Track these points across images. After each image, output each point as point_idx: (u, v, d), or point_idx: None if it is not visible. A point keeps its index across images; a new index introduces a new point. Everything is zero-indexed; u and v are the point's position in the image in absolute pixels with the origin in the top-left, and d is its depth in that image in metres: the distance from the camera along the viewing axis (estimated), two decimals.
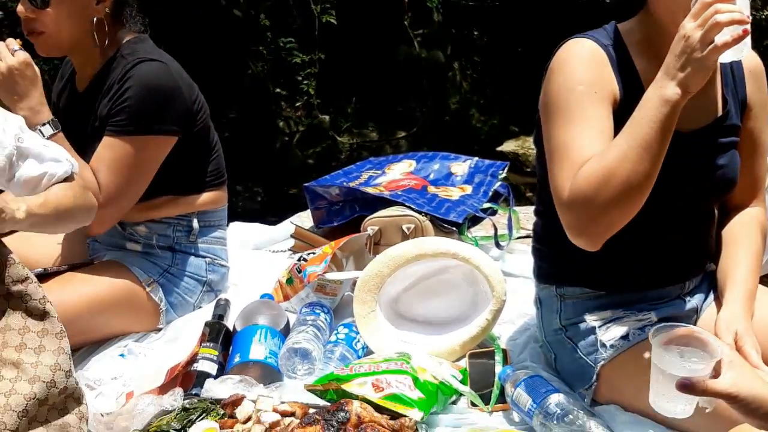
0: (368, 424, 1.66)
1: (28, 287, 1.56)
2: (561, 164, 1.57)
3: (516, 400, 1.79)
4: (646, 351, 1.56)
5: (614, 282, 1.79)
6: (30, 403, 1.47)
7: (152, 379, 1.89)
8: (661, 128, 1.43)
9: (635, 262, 1.76)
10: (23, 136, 1.77)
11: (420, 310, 2.21)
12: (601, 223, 1.52)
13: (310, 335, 2.09)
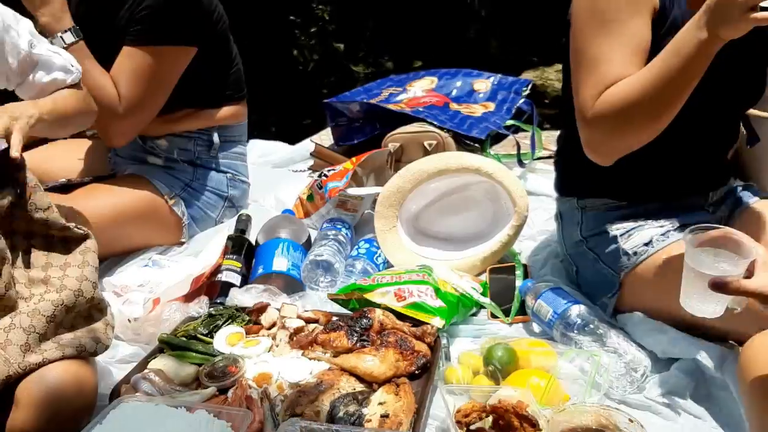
0: (391, 330, 1.68)
1: (50, 216, 1.57)
2: (588, 78, 1.56)
3: (536, 312, 1.81)
4: (670, 256, 1.57)
5: (637, 192, 1.78)
6: (58, 308, 1.49)
7: (178, 287, 1.91)
8: (692, 68, 1.42)
9: (658, 172, 1.75)
10: (35, 42, 1.76)
11: (441, 227, 2.22)
12: (617, 147, 1.58)
13: (332, 249, 2.11)
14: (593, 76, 1.54)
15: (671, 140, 1.61)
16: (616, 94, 1.50)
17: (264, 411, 1.48)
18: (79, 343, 1.47)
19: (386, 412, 1.44)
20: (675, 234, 1.68)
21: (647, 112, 1.49)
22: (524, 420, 1.36)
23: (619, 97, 1.50)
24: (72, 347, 1.46)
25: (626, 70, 1.51)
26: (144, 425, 1.35)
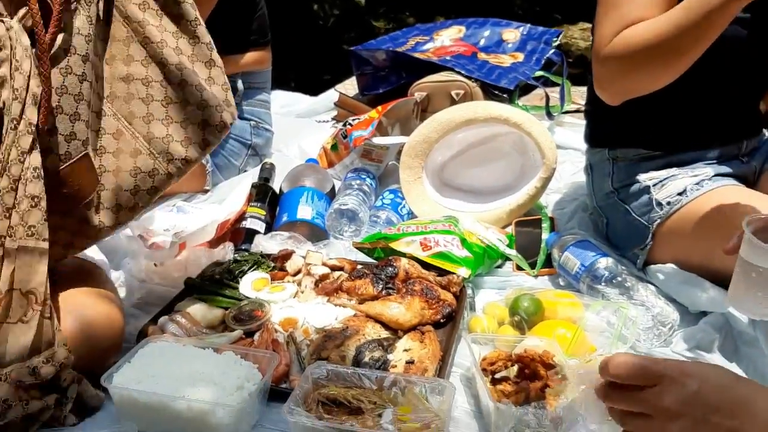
0: (416, 279, 1.68)
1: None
2: (608, 16, 1.53)
3: (563, 264, 1.79)
4: (705, 206, 1.54)
5: (670, 141, 1.75)
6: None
7: (203, 233, 1.91)
8: (715, 21, 1.37)
9: (692, 121, 1.71)
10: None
11: (466, 179, 2.19)
12: (627, 87, 1.56)
13: (357, 198, 2.10)
14: (614, 14, 1.52)
15: (705, 87, 1.57)
16: (633, 35, 1.47)
17: (290, 354, 1.49)
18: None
19: (411, 359, 1.45)
20: (709, 183, 1.65)
21: (662, 57, 1.45)
22: (550, 369, 1.36)
23: (636, 38, 1.47)
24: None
25: (648, 12, 1.48)
26: (172, 364, 1.36)
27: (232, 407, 1.28)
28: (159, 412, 1.30)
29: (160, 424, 1.32)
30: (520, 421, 1.19)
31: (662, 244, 1.71)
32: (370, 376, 1.34)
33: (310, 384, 1.32)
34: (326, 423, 1.20)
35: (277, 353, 1.43)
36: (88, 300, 1.44)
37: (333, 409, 1.26)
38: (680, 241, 1.66)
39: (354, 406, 1.26)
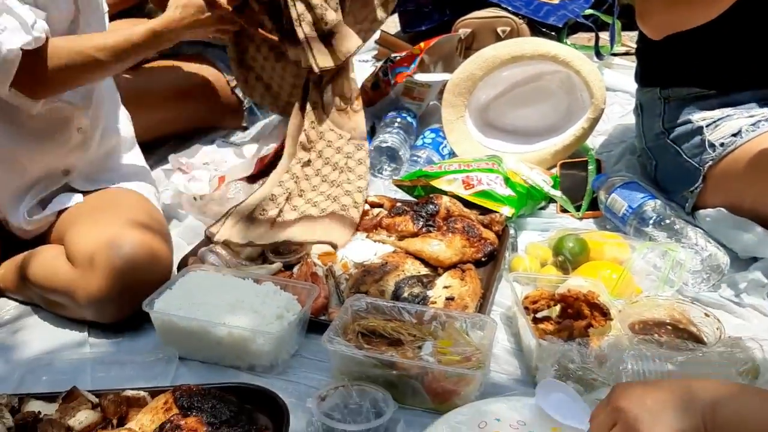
0: (457, 217, 1.65)
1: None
2: None
3: (610, 206, 1.74)
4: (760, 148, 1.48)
5: (725, 80, 1.66)
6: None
7: (242, 167, 1.90)
8: None
9: (748, 59, 1.62)
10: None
11: (510, 119, 2.13)
12: (669, 22, 1.52)
13: (398, 136, 2.06)
14: None
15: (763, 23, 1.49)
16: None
17: (329, 288, 1.48)
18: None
19: (451, 296, 1.43)
20: (766, 124, 1.57)
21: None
22: (595, 309, 1.33)
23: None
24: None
25: None
26: (213, 292, 1.37)
27: (272, 335, 1.28)
28: (199, 338, 1.31)
29: (200, 350, 1.33)
30: (564, 356, 1.17)
31: (713, 187, 1.64)
32: (410, 309, 1.32)
33: (350, 315, 1.32)
34: (366, 352, 1.19)
35: (316, 286, 1.43)
36: (132, 231, 1.45)
37: (372, 340, 1.25)
38: (732, 184, 1.59)
39: (393, 337, 1.25)
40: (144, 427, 1.08)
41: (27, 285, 1.54)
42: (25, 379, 1.32)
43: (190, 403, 1.09)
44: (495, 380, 1.28)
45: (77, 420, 1.08)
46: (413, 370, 1.17)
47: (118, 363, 1.35)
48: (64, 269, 1.46)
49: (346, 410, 1.15)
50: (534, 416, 1.10)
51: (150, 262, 1.43)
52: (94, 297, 1.39)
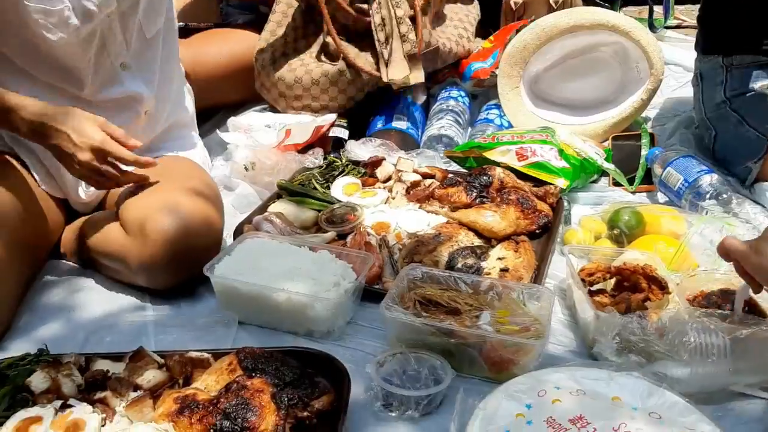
0: (511, 188, 1.64)
1: None
2: None
3: (665, 180, 1.71)
4: None
5: None
6: None
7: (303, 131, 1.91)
8: None
9: None
10: None
11: (560, 92, 2.11)
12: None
13: (452, 120, 2.05)
14: None
15: None
16: None
17: (383, 257, 1.49)
18: None
19: (506, 267, 1.43)
20: None
21: None
22: (653, 282, 1.31)
23: None
24: None
25: None
26: (270, 259, 1.38)
27: (330, 301, 1.29)
28: (259, 303, 1.33)
29: (259, 315, 1.35)
30: (625, 328, 1.16)
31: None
32: (466, 279, 1.32)
33: (406, 284, 1.32)
34: (424, 320, 1.20)
35: (371, 254, 1.44)
36: (185, 198, 1.46)
37: (429, 309, 1.26)
38: None
39: (451, 306, 1.26)
40: (209, 387, 1.10)
41: (85, 250, 1.57)
42: (89, 340, 1.35)
43: (254, 365, 1.11)
44: (550, 352, 1.28)
45: (145, 379, 1.11)
46: (471, 338, 1.18)
47: (179, 326, 1.38)
48: (117, 235, 1.48)
49: (404, 376, 1.16)
50: (594, 386, 1.10)
51: (202, 229, 1.44)
52: (146, 263, 1.41)
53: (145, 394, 1.08)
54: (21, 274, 1.46)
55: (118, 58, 1.52)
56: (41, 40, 1.40)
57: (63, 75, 1.46)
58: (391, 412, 1.14)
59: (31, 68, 1.45)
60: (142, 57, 1.58)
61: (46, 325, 1.42)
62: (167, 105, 1.68)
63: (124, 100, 1.56)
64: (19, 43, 1.41)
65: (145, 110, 1.59)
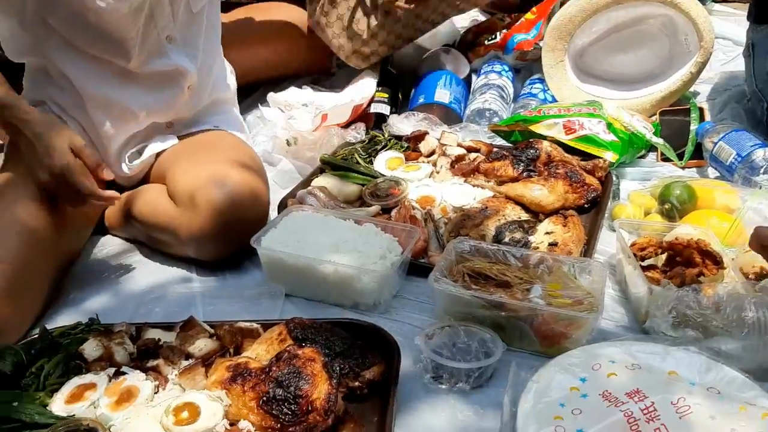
0: (559, 162, 1.61)
1: None
2: None
3: (716, 155, 1.67)
4: None
5: None
6: None
7: (342, 110, 1.89)
8: None
9: None
10: None
11: (605, 66, 2.06)
12: None
13: (496, 94, 2.02)
14: None
15: None
16: None
17: (428, 231, 1.48)
18: None
19: (555, 241, 1.40)
20: None
21: None
22: (707, 257, 1.28)
23: None
24: None
25: None
26: (316, 232, 1.38)
27: (376, 273, 1.28)
28: (305, 275, 1.33)
29: (306, 287, 1.35)
30: (681, 301, 1.13)
31: None
32: (515, 253, 1.30)
33: (454, 257, 1.31)
34: (473, 293, 1.18)
35: (416, 228, 1.42)
36: (232, 171, 1.46)
37: (479, 282, 1.24)
38: None
39: (500, 280, 1.24)
40: (259, 356, 1.10)
41: (131, 223, 1.58)
42: (138, 311, 1.36)
43: (304, 335, 1.11)
44: (601, 327, 1.26)
45: (197, 347, 1.11)
46: (523, 311, 1.16)
47: (226, 298, 1.38)
48: (166, 207, 1.49)
49: (454, 349, 1.15)
50: (649, 360, 1.08)
51: (250, 201, 1.44)
52: (196, 234, 1.42)
53: (197, 362, 1.08)
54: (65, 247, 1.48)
55: (164, 30, 1.51)
56: (90, 10, 1.40)
57: (110, 46, 1.46)
58: (441, 385, 1.13)
59: (78, 40, 1.45)
60: (188, 31, 1.57)
61: (94, 298, 1.43)
62: (210, 80, 1.67)
63: (170, 73, 1.56)
64: (68, 14, 1.41)
65: (188, 85, 1.59)
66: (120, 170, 1.63)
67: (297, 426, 0.96)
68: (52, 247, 1.40)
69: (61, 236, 1.43)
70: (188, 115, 1.66)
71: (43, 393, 1.06)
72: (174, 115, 1.63)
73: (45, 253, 1.37)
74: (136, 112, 1.55)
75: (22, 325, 1.29)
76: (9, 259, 1.28)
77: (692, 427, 0.96)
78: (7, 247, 1.30)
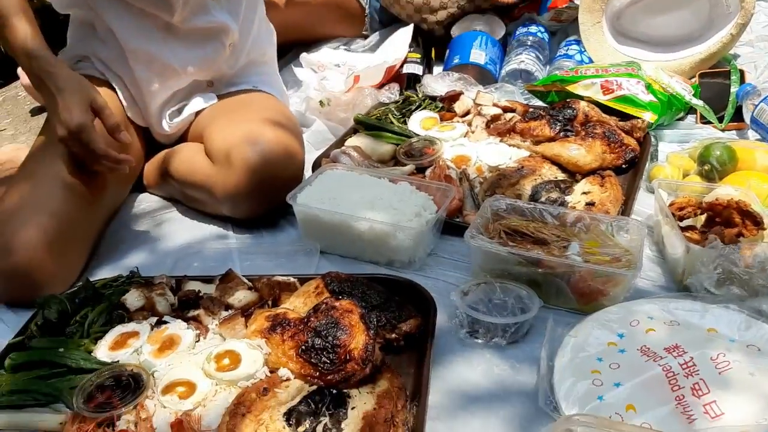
0: (597, 122, 1.59)
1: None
2: None
3: (757, 117, 1.63)
4: None
5: None
6: None
7: (374, 72, 1.88)
8: None
9: None
10: None
11: (643, 28, 2.01)
12: None
13: (532, 55, 1.99)
14: None
15: None
16: None
17: (463, 190, 1.47)
18: None
19: (592, 201, 1.39)
20: None
21: None
22: (747, 217, 1.26)
23: None
24: None
25: None
26: (351, 189, 1.38)
27: (412, 230, 1.28)
28: (341, 232, 1.33)
29: (341, 244, 1.36)
30: (727, 259, 1.12)
31: None
32: (552, 211, 1.30)
33: (490, 215, 1.30)
34: (510, 249, 1.18)
35: (452, 186, 1.42)
36: (267, 129, 1.46)
37: (515, 239, 1.24)
38: None
39: (537, 237, 1.23)
40: (297, 308, 1.11)
41: (168, 181, 1.60)
42: (178, 265, 1.39)
43: (341, 288, 1.12)
44: (638, 286, 1.24)
45: (236, 298, 1.13)
46: (560, 268, 1.16)
47: (263, 254, 1.40)
48: (203, 165, 1.51)
49: (490, 305, 1.15)
50: (687, 317, 1.07)
51: (285, 159, 1.44)
52: (231, 192, 1.43)
53: (237, 312, 1.10)
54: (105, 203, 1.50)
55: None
56: None
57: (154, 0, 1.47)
58: (477, 339, 1.13)
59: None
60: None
61: (134, 253, 1.46)
62: (249, 39, 1.67)
63: (212, 30, 1.56)
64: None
65: (229, 42, 1.59)
66: (160, 128, 1.64)
67: (335, 374, 0.97)
68: (93, 203, 1.43)
69: (101, 193, 1.45)
70: (228, 73, 1.67)
71: (88, 340, 1.09)
72: (214, 72, 1.64)
73: (87, 209, 1.40)
74: (178, 69, 1.56)
75: (68, 278, 1.32)
76: (54, 214, 1.31)
77: (731, 383, 0.95)
78: (52, 203, 1.33)
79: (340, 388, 0.97)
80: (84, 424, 0.93)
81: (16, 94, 2.67)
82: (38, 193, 1.33)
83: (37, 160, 1.42)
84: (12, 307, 1.30)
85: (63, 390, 0.99)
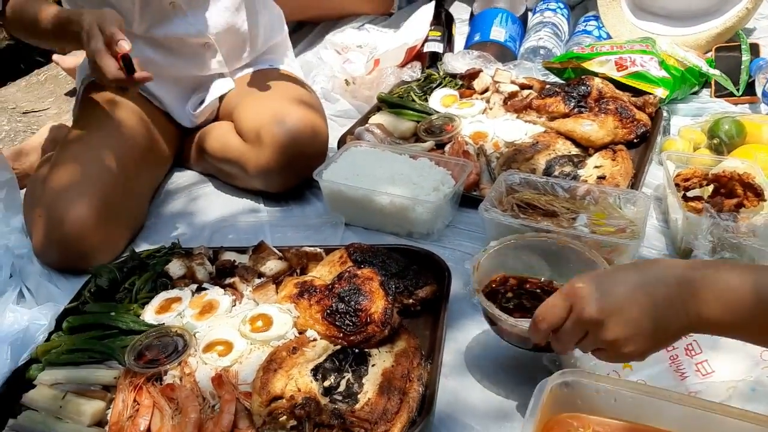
0: (610, 98, 1.65)
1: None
2: None
3: None
4: None
5: None
6: None
7: (395, 53, 1.96)
8: None
9: None
10: None
11: (663, 2, 2.05)
12: None
13: (549, 33, 2.04)
14: None
15: None
16: None
17: (480, 165, 1.55)
18: None
19: (603, 174, 1.46)
20: None
21: None
22: (749, 189, 1.32)
23: None
24: None
25: None
26: (374, 165, 1.47)
27: (430, 204, 1.38)
28: (364, 205, 1.43)
29: (364, 216, 1.46)
30: (718, 226, 1.19)
31: None
32: (563, 185, 1.37)
33: (504, 188, 1.39)
34: (521, 221, 1.26)
35: (469, 162, 1.50)
36: (293, 108, 1.55)
37: (527, 211, 1.32)
38: None
39: (548, 209, 1.32)
40: (323, 276, 1.22)
41: (204, 157, 1.71)
42: (214, 237, 1.50)
43: (363, 258, 1.22)
44: (642, 254, 1.32)
45: (268, 267, 1.24)
46: None
47: (292, 226, 1.51)
48: (236, 143, 1.61)
49: None
50: None
51: (311, 137, 1.53)
52: (263, 168, 1.53)
53: (269, 280, 1.21)
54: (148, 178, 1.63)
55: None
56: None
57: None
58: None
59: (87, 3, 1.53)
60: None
61: (174, 225, 1.58)
62: (260, 29, 1.74)
63: (183, 39, 1.63)
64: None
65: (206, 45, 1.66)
66: (184, 118, 1.74)
67: (357, 335, 1.07)
68: (138, 179, 1.55)
69: (144, 168, 1.58)
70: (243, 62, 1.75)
71: (135, 305, 1.21)
72: (211, 71, 1.71)
73: (132, 184, 1.52)
74: (170, 70, 1.65)
75: (114, 248, 1.45)
76: (101, 191, 1.43)
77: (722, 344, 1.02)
78: (100, 178, 1.45)
79: (361, 347, 1.07)
80: (135, 379, 1.05)
81: (58, 73, 2.79)
82: (87, 173, 1.45)
83: (82, 140, 1.53)
84: (64, 274, 1.43)
85: (116, 349, 1.11)
